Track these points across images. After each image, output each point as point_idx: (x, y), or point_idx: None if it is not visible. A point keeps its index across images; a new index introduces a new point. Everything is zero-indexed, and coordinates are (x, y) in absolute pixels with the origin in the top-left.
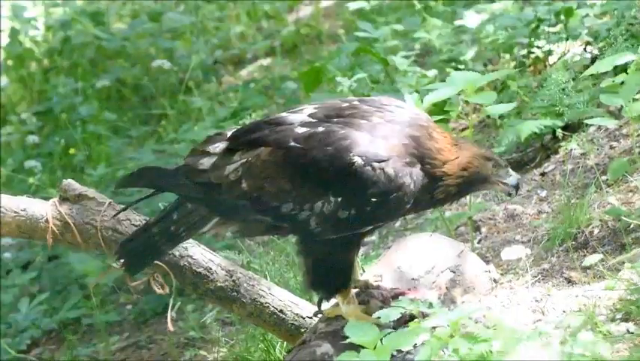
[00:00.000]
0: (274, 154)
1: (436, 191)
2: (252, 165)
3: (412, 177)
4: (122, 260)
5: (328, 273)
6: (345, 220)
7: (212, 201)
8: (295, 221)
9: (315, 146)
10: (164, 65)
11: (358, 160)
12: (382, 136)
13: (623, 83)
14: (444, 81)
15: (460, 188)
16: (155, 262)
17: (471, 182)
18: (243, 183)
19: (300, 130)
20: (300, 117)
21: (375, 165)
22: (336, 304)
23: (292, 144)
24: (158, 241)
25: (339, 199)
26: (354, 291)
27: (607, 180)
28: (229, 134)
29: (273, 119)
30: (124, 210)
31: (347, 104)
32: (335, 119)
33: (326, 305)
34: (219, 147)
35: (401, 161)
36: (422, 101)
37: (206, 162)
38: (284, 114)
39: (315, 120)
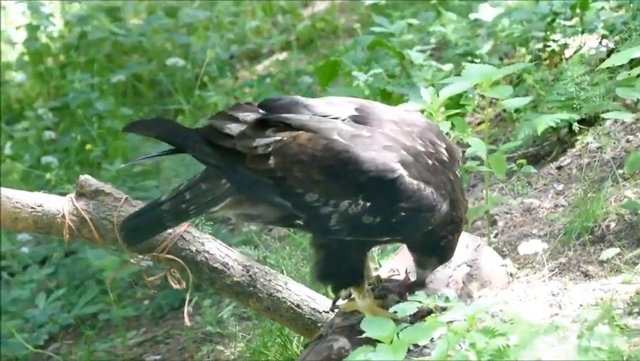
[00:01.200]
0: (315, 142)
1: (451, 234)
2: (286, 145)
3: (443, 206)
4: (123, 232)
5: (339, 268)
6: (367, 226)
7: (231, 171)
8: (315, 214)
9: (360, 145)
10: (177, 64)
11: (402, 171)
12: (425, 165)
13: (639, 76)
14: (459, 75)
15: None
16: (172, 257)
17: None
18: (271, 160)
19: (345, 127)
20: (341, 113)
21: (416, 181)
22: (353, 299)
23: (337, 137)
24: (166, 217)
25: (369, 204)
26: (369, 286)
27: (623, 173)
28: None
29: (314, 105)
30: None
31: (389, 120)
32: (379, 130)
33: (341, 300)
34: (250, 116)
35: (438, 191)
36: (438, 95)
37: (234, 128)
38: (322, 103)
39: (360, 124)
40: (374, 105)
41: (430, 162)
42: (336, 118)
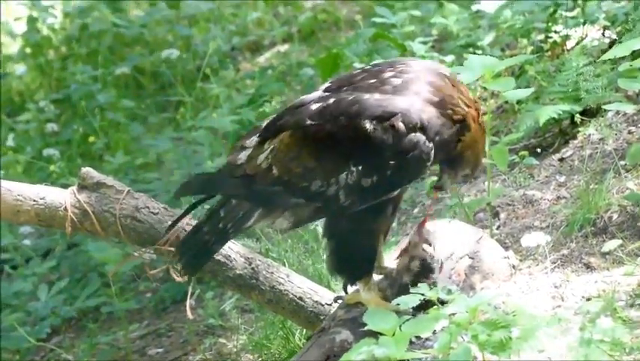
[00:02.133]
0: (293, 136)
1: (464, 136)
2: (277, 151)
3: (425, 125)
4: (180, 262)
5: (353, 257)
6: (369, 189)
7: (250, 193)
8: (326, 198)
9: (327, 119)
10: (172, 55)
11: (368, 125)
12: (392, 90)
13: None
14: (461, 66)
15: (472, 149)
16: (174, 249)
17: (478, 149)
18: (274, 169)
19: (314, 106)
20: (315, 95)
21: (385, 124)
22: (356, 291)
23: (308, 122)
24: (209, 240)
25: (360, 168)
26: (378, 278)
27: (625, 165)
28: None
29: (295, 103)
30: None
31: (359, 71)
32: (345, 88)
33: (350, 289)
34: (254, 139)
35: (413, 110)
36: None
37: (242, 156)
38: (304, 96)
39: (327, 93)
40: (360, 69)
41: (398, 81)
42: (309, 102)
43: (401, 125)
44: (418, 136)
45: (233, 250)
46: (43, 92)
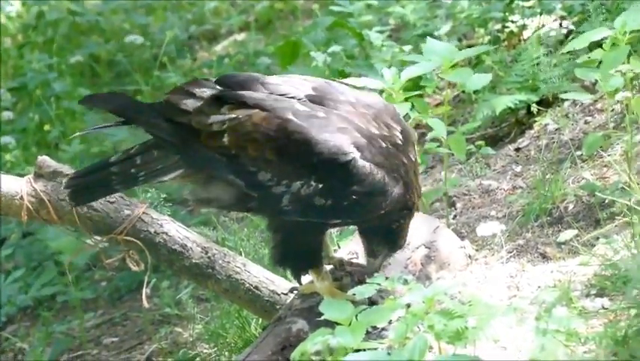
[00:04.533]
0: (269, 121)
1: (403, 219)
2: (240, 123)
3: (395, 189)
4: (69, 189)
5: (296, 250)
6: (318, 208)
7: (186, 147)
8: (268, 193)
9: (314, 126)
10: (136, 41)
11: (355, 154)
12: (378, 147)
13: (600, 62)
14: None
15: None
16: (130, 238)
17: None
18: (226, 137)
19: (301, 107)
20: (297, 93)
21: (371, 165)
22: (311, 281)
23: (291, 117)
24: (114, 180)
25: (320, 186)
26: (329, 267)
27: (582, 155)
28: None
29: (270, 82)
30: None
31: (344, 98)
32: (335, 111)
33: (304, 280)
34: (207, 92)
35: (393, 175)
36: (399, 77)
37: (190, 104)
38: (279, 81)
39: (313, 103)
40: (332, 85)
41: (384, 144)
42: (292, 97)
43: (380, 175)
44: (392, 189)
45: (190, 239)
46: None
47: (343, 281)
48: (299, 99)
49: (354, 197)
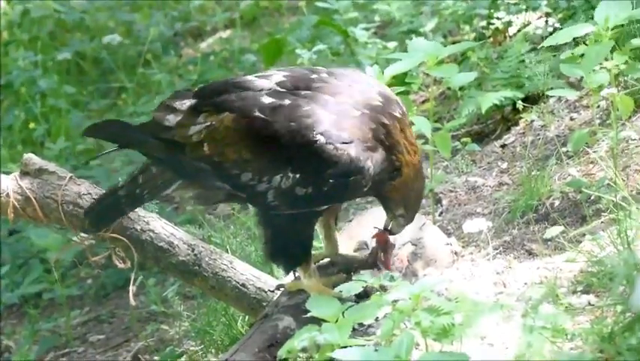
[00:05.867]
0: (237, 122)
1: (393, 180)
2: (215, 130)
3: (372, 161)
4: (87, 219)
5: (287, 245)
6: (301, 197)
7: (174, 162)
8: (253, 192)
9: (279, 119)
10: (113, 41)
11: (321, 139)
12: (348, 118)
13: (583, 55)
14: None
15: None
16: (116, 236)
17: (409, 193)
18: (205, 146)
19: (267, 100)
20: (267, 84)
21: (338, 145)
22: (298, 278)
23: (257, 114)
24: (124, 202)
25: (298, 176)
26: (323, 261)
27: (567, 151)
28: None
29: (241, 82)
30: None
31: (316, 76)
32: (303, 92)
33: (291, 275)
34: (186, 104)
35: (364, 145)
36: (383, 73)
37: (171, 119)
38: (252, 78)
39: (282, 90)
40: (308, 68)
41: (356, 112)
42: (261, 90)
43: (352, 153)
44: (366, 163)
45: (176, 237)
46: None
47: (336, 277)
48: (268, 90)
49: (331, 181)
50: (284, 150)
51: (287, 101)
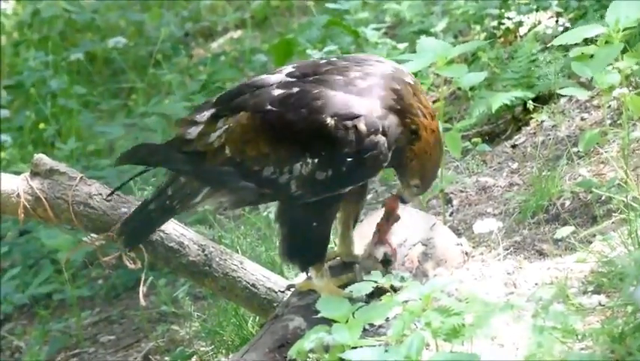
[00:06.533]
0: (252, 118)
1: (413, 145)
2: (233, 131)
3: (387, 129)
4: (122, 236)
5: (304, 243)
6: (323, 182)
7: (199, 171)
8: (276, 185)
9: (289, 108)
10: (119, 44)
11: (330, 121)
12: (357, 91)
13: (592, 56)
14: (414, 52)
15: (420, 159)
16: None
17: (426, 162)
18: (227, 149)
19: (277, 92)
20: (278, 77)
21: (348, 123)
22: (309, 278)
23: (268, 107)
24: (154, 216)
25: (316, 161)
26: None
27: (578, 151)
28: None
29: (255, 81)
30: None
31: (325, 61)
32: (311, 78)
33: (302, 276)
34: (206, 115)
35: (375, 115)
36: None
37: (193, 132)
38: (264, 76)
39: (292, 80)
40: (319, 58)
41: (366, 83)
42: (272, 84)
43: (363, 127)
44: (379, 137)
45: (186, 237)
46: None
47: (346, 277)
48: (278, 83)
49: (349, 160)
50: (299, 137)
51: (295, 89)
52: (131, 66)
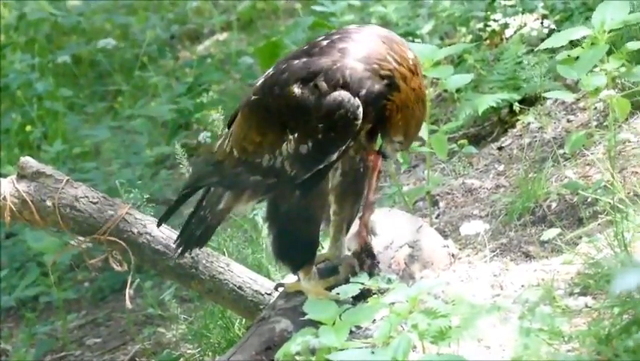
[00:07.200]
0: (243, 113)
1: (392, 96)
2: (234, 132)
3: (350, 83)
4: (178, 248)
5: (294, 243)
6: (307, 155)
7: (220, 178)
8: (276, 171)
9: (266, 91)
10: (108, 45)
11: (295, 88)
12: (319, 52)
13: (578, 58)
14: None
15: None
16: (113, 239)
17: (410, 118)
18: (234, 151)
19: (259, 81)
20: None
21: (310, 85)
22: (297, 280)
23: (252, 97)
24: (195, 228)
25: (296, 135)
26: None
27: (564, 153)
28: None
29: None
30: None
31: (319, 40)
32: (295, 60)
33: (293, 277)
34: (226, 130)
35: (336, 69)
36: None
37: (216, 144)
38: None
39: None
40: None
41: (326, 42)
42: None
43: (323, 85)
44: (342, 94)
45: (173, 240)
46: None
47: (334, 279)
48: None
49: (320, 126)
50: (276, 117)
51: (271, 72)
52: (117, 69)
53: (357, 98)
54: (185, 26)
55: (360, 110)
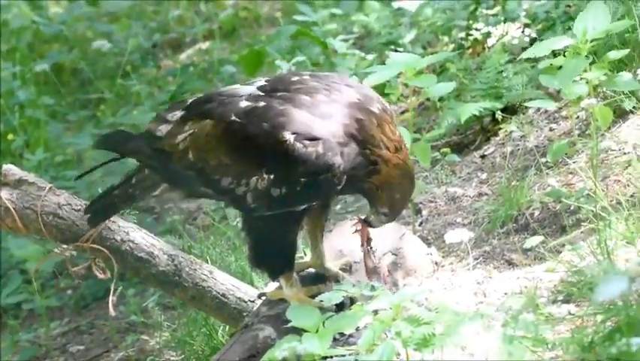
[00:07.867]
0: (216, 128)
1: (371, 177)
2: (197, 137)
3: (343, 157)
4: (87, 215)
5: (270, 251)
6: (277, 198)
7: (164, 169)
8: (234, 196)
9: (252, 121)
10: (103, 47)
11: (290, 138)
12: (321, 114)
13: (560, 67)
14: (383, 64)
15: (386, 190)
16: (96, 246)
17: (394, 194)
18: (190, 153)
19: (244, 104)
20: (249, 90)
21: (307, 142)
22: (280, 287)
23: (233, 118)
24: (117, 201)
25: (272, 177)
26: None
27: (547, 162)
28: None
29: (227, 90)
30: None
31: (297, 78)
32: (279, 94)
33: (274, 284)
34: (176, 115)
35: (335, 141)
36: (362, 84)
37: (163, 129)
38: (237, 86)
39: (261, 94)
40: (293, 72)
41: (331, 108)
42: (241, 96)
43: (320, 150)
44: (335, 159)
45: (156, 247)
46: None
47: (317, 286)
48: (247, 95)
49: (302, 180)
50: (258, 151)
51: (261, 103)
52: (100, 77)
53: (344, 172)
54: (168, 35)
55: (343, 180)
